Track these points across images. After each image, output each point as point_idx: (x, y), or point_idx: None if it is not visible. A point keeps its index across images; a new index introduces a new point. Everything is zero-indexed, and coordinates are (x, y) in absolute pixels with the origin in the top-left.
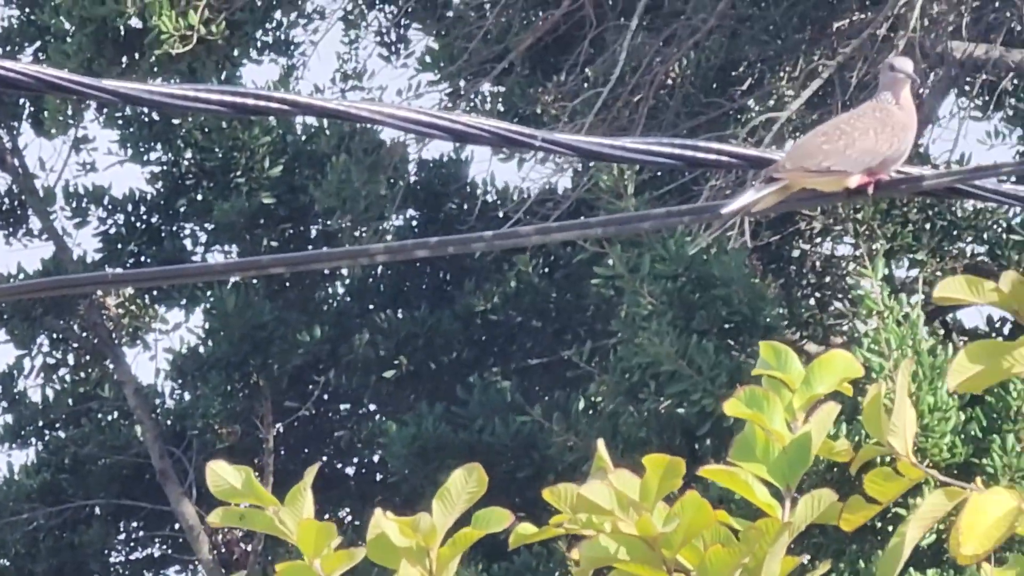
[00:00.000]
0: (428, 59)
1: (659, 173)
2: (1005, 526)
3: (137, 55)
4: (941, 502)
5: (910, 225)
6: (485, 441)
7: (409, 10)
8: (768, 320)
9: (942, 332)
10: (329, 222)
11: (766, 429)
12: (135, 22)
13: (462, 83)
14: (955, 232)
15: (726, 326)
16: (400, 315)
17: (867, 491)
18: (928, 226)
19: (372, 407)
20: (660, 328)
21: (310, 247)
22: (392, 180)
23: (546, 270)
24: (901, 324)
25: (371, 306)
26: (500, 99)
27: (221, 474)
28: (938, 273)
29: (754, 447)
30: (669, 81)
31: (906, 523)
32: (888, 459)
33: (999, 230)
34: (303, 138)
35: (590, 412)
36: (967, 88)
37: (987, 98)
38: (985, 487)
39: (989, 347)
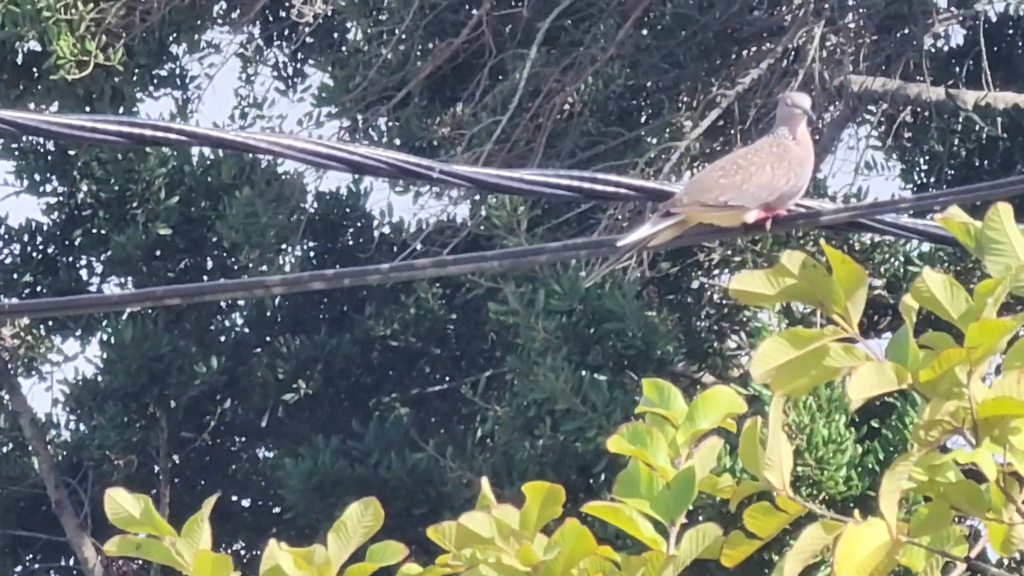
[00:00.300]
0: (324, 94)
1: (552, 204)
2: (880, 556)
3: (36, 78)
4: (819, 535)
5: None
6: (381, 476)
7: (306, 42)
8: (663, 354)
9: None
10: (229, 255)
11: (650, 465)
12: (34, 46)
13: (359, 116)
14: None
15: (621, 361)
16: (299, 339)
17: (747, 526)
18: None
19: (269, 439)
20: (555, 363)
21: (206, 278)
22: (291, 212)
23: (444, 298)
24: None
25: (268, 337)
26: (398, 131)
27: (120, 502)
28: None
29: (638, 483)
30: (568, 110)
31: (784, 557)
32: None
33: (897, 263)
34: (199, 170)
35: (488, 441)
36: (867, 120)
37: (886, 129)
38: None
39: (795, 336)
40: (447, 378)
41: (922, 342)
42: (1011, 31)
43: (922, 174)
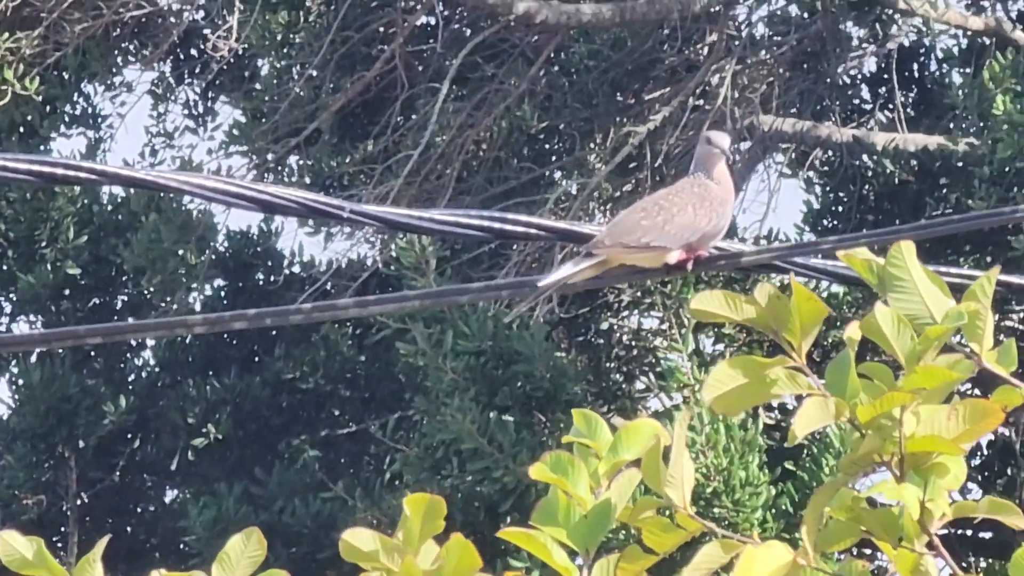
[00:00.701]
0: (236, 132)
1: (462, 242)
2: None
3: None
4: (716, 553)
5: None
6: (285, 522)
7: (217, 79)
8: (571, 395)
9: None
10: (138, 292)
11: (569, 494)
12: None
13: (270, 156)
14: None
15: (529, 402)
16: (209, 382)
17: (644, 541)
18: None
19: (179, 478)
20: (463, 404)
21: (116, 317)
22: (200, 248)
23: (354, 339)
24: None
25: (179, 376)
26: (308, 169)
27: (13, 544)
28: (744, 348)
29: (556, 511)
30: (480, 147)
31: (680, 574)
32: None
33: None
34: (109, 208)
35: (396, 483)
36: (778, 161)
37: (797, 169)
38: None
39: (747, 363)
40: (356, 419)
41: (861, 371)
42: (923, 58)
43: (834, 217)
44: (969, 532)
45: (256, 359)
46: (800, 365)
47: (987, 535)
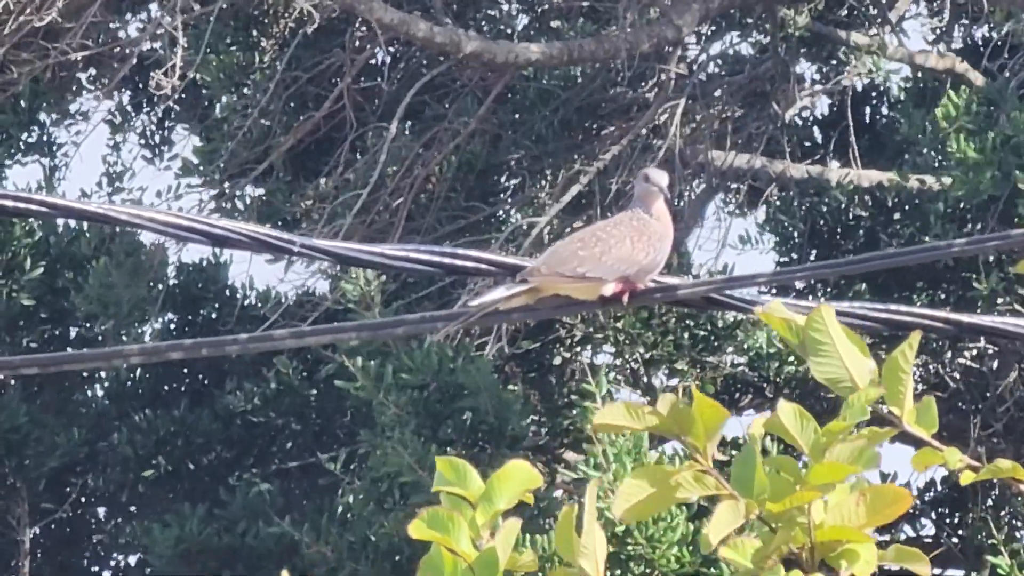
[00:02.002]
0: (190, 166)
1: (412, 278)
2: None
3: None
4: None
5: (670, 335)
6: (248, 544)
7: (173, 113)
8: (515, 429)
9: None
10: (90, 326)
11: (452, 549)
12: None
13: (226, 185)
14: (715, 342)
15: (475, 435)
16: (158, 415)
17: None
18: (687, 336)
19: (132, 508)
20: (404, 438)
21: (69, 349)
22: (152, 284)
23: (305, 372)
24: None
25: (130, 408)
26: (262, 202)
27: None
28: (697, 383)
29: (442, 568)
30: (430, 185)
31: None
32: None
33: (759, 341)
34: (65, 240)
35: (348, 516)
36: (730, 196)
37: (751, 205)
38: None
39: (653, 472)
40: (308, 453)
41: (768, 463)
42: (875, 101)
43: (788, 252)
44: None
45: (205, 393)
46: (707, 468)
47: None
